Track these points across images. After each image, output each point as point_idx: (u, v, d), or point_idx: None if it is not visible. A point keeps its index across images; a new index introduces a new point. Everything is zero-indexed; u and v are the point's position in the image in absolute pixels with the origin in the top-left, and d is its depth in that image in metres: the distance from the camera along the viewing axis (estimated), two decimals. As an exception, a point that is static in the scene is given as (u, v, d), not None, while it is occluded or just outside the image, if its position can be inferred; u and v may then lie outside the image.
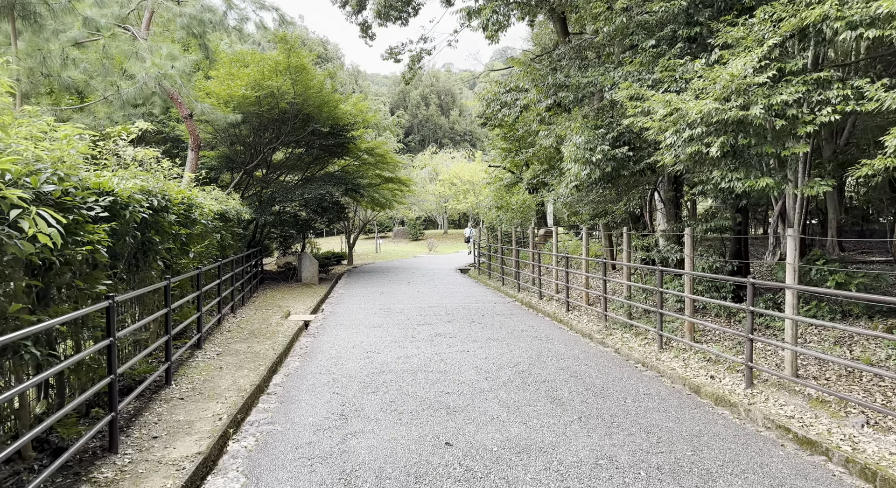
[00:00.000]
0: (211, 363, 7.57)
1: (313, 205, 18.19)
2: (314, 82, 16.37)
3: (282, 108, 16.29)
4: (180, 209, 7.75)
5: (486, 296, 14.51)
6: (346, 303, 13.24)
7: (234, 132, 16.57)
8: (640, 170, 7.84)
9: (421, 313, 11.48)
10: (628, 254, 9.62)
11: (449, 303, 13.02)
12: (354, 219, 28.32)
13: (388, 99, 59.35)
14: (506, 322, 10.42)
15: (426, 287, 16.36)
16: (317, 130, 17.55)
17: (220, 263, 10.09)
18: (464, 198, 41.26)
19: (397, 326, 9.98)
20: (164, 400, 5.97)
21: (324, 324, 10.58)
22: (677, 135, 5.84)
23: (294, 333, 9.62)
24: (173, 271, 7.77)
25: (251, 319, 10.99)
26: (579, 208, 11.45)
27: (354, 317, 11.21)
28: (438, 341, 8.67)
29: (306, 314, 12.00)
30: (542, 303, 12.72)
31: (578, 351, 8.06)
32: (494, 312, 11.60)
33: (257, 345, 8.68)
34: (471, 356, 7.63)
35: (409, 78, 16.11)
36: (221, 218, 11.61)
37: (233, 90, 14.76)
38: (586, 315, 10.96)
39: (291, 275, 19.21)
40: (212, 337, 9.14)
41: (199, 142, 12.04)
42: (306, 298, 14.44)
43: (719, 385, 6.38)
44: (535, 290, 14.18)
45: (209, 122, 15.57)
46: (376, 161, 21.88)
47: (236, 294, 12.84)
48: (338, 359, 7.68)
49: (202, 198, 9.51)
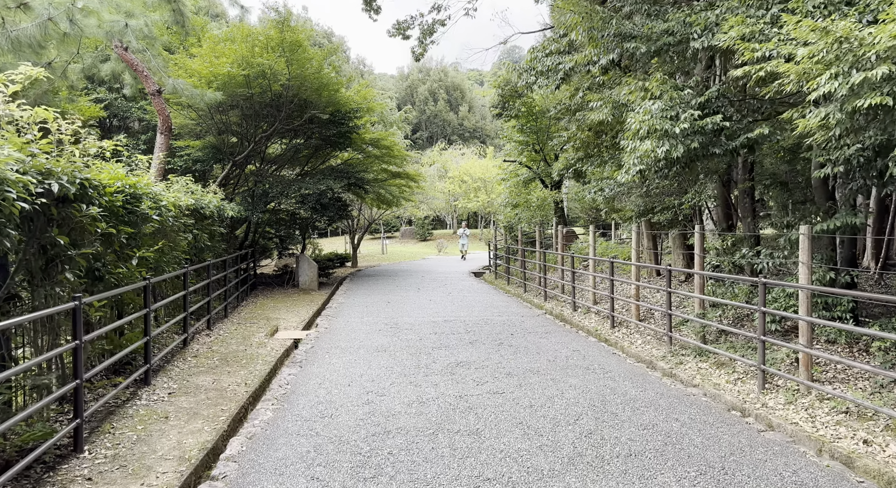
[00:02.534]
0: (156, 408, 5.56)
1: (312, 202, 16.21)
2: (312, 63, 14.36)
3: (275, 92, 14.31)
4: (116, 200, 5.75)
5: (508, 306, 12.45)
6: (345, 316, 11.22)
7: (222, 119, 14.61)
8: (733, 149, 5.78)
9: (435, 330, 9.44)
10: (701, 259, 7.54)
11: (467, 315, 10.96)
12: (359, 218, 26.34)
13: (395, 94, 57.36)
14: (542, 344, 8.36)
15: (438, 294, 14.32)
16: (315, 117, 15.55)
17: (188, 269, 8.09)
18: (474, 197, 39.17)
19: (407, 350, 7.94)
20: (60, 483, 3.96)
21: (316, 345, 8.56)
22: (838, 81, 3.80)
23: (277, 359, 7.61)
24: (106, 284, 5.78)
25: (228, 337, 8.99)
26: (625, 203, 9.41)
27: (354, 334, 9.18)
28: (461, 374, 6.62)
29: (297, 330, 9.99)
30: (576, 316, 10.67)
31: (653, 392, 5.98)
32: (525, 329, 9.54)
33: (227, 378, 6.68)
34: (509, 402, 5.58)
35: (419, 54, 14.09)
36: (195, 214, 9.63)
37: (217, 68, 12.78)
38: (638, 334, 8.89)
39: (288, 279, 17.24)
40: (170, 366, 7.14)
41: (169, 125, 10.08)
42: (301, 308, 12.45)
43: (885, 457, 4.30)
44: (565, 300, 12.12)
45: (191, 105, 13.63)
46: (382, 154, 19.86)
47: (215, 305, 10.86)
48: (327, 405, 5.64)
49: (160, 189, 7.51)
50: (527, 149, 22.52)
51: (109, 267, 5.85)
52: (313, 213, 17.50)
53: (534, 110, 20.73)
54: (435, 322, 10.24)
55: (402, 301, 13.15)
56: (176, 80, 10.02)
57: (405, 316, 11.00)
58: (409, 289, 15.42)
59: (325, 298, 14.25)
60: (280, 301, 13.66)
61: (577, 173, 11.48)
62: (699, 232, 7.52)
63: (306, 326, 10.41)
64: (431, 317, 10.87)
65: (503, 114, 23.18)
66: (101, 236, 5.59)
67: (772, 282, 5.94)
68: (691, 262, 11.76)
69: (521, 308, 12.20)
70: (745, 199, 8.38)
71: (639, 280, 9.48)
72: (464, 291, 15.08)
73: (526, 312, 11.50)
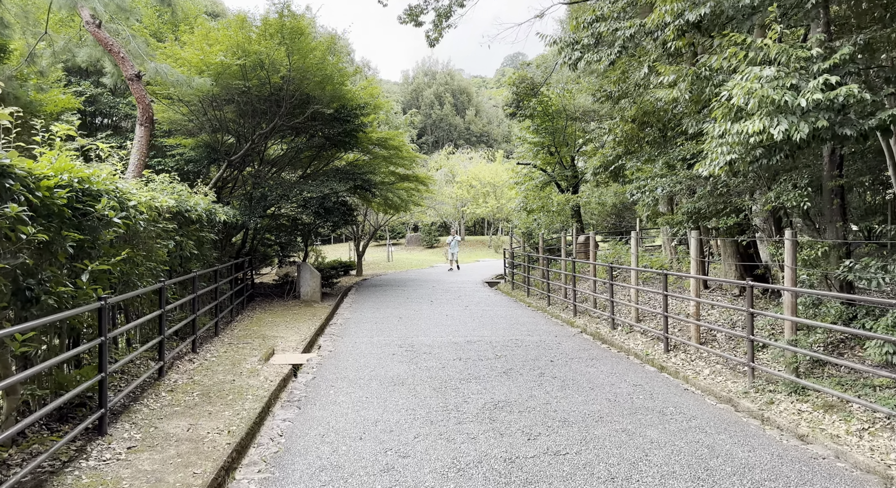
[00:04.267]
0: (105, 474, 4.17)
1: (314, 206, 14.84)
2: (315, 53, 13.03)
3: (274, 85, 12.99)
4: (56, 197, 4.38)
5: (536, 322, 11.02)
6: (352, 334, 9.80)
7: (216, 115, 13.28)
8: (867, 130, 4.39)
9: (459, 354, 8.02)
10: (794, 273, 6.12)
11: (492, 335, 9.54)
12: (364, 224, 24.97)
13: (401, 97, 56.18)
14: (591, 374, 6.93)
15: (455, 308, 12.90)
16: (319, 113, 14.21)
17: (165, 284, 6.71)
18: (483, 202, 37.77)
19: (429, 383, 6.51)
20: None
21: (318, 374, 7.15)
22: None
23: (271, 393, 6.21)
24: (44, 307, 4.39)
25: (216, 363, 7.59)
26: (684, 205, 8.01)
27: (364, 360, 7.77)
28: (504, 421, 5.20)
29: (296, 352, 8.59)
30: (617, 336, 9.25)
31: (764, 451, 4.55)
32: (564, 354, 8.11)
33: (206, 422, 5.28)
34: (579, 471, 4.15)
35: (434, 38, 12.74)
36: (178, 218, 8.26)
37: (209, 57, 11.45)
38: (702, 361, 7.46)
39: (289, 289, 15.86)
40: (137, 404, 5.74)
41: (150, 115, 8.72)
42: (301, 323, 11.06)
43: None
44: (598, 315, 10.69)
45: (181, 98, 12.30)
46: (390, 155, 18.51)
47: (202, 323, 9.48)
48: (332, 473, 4.20)
49: (129, 186, 6.13)
50: (542, 152, 21.21)
51: (49, 284, 4.47)
52: (316, 219, 16.14)
53: (550, 110, 19.49)
54: (457, 343, 8.82)
55: (415, 316, 11.73)
56: (159, 64, 8.68)
57: (421, 335, 9.58)
58: (421, 302, 14.01)
59: (329, 312, 12.86)
60: (279, 315, 12.28)
61: (614, 173, 10.09)
62: (790, 239, 6.10)
63: (307, 347, 9.01)
64: (451, 336, 9.45)
65: (517, 113, 21.87)
66: (35, 244, 4.22)
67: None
68: (746, 273, 10.34)
69: (550, 325, 10.76)
70: (834, 200, 6.97)
71: (699, 295, 8.05)
72: (481, 304, 13.65)
73: (558, 331, 10.07)
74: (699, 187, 7.71)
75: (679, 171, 8.22)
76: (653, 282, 12.75)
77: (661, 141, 9.38)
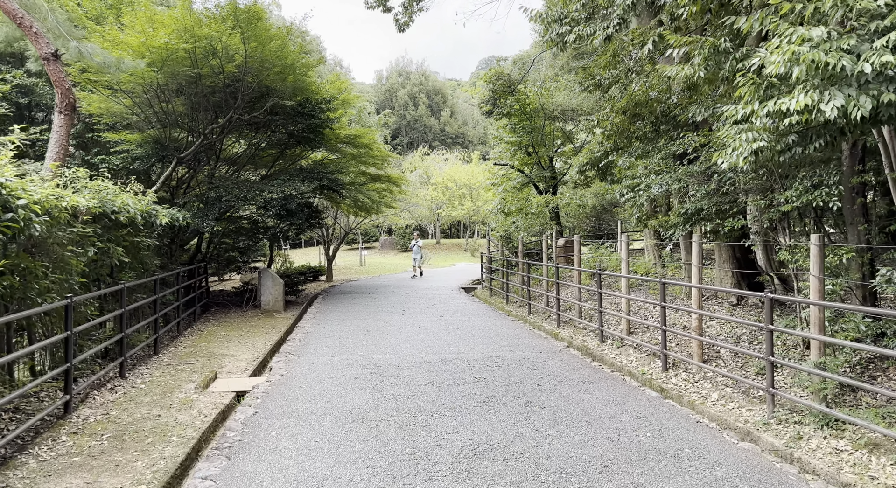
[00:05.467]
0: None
1: (276, 208, 13.63)
2: (275, 42, 11.88)
3: (229, 75, 11.80)
4: None
5: (517, 335, 10.03)
6: (311, 352, 8.68)
7: (165, 107, 12.00)
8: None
9: (431, 377, 6.97)
10: (821, 283, 5.23)
11: (470, 351, 8.52)
12: (334, 227, 23.75)
13: (375, 98, 54.91)
14: (586, 402, 5.95)
15: (428, 318, 11.85)
16: (279, 106, 13.08)
17: (73, 300, 5.53)
18: (459, 204, 36.80)
19: (395, 417, 5.44)
20: None
21: (263, 406, 6.01)
22: None
23: (201, 436, 5.07)
24: None
25: (143, 392, 6.41)
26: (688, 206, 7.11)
27: (320, 387, 6.65)
28: (486, 475, 4.16)
29: (244, 375, 7.45)
30: (608, 351, 8.32)
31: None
32: (552, 375, 7.12)
33: (109, 480, 4.17)
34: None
35: (403, 23, 11.68)
36: (101, 221, 7.06)
37: (151, 39, 10.21)
38: (708, 382, 6.55)
39: (248, 298, 14.62)
40: (24, 454, 4.55)
41: (71, 101, 7.48)
42: (257, 338, 9.90)
43: None
44: (585, 326, 9.77)
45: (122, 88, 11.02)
46: (360, 153, 17.40)
47: (136, 341, 8.27)
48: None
49: (15, 182, 4.93)
50: (519, 152, 20.39)
51: None
52: (279, 221, 14.92)
53: (527, 108, 18.71)
54: (429, 362, 7.77)
55: (384, 328, 10.63)
56: (84, 44, 7.46)
57: (389, 352, 8.51)
58: (392, 311, 12.92)
59: (291, 324, 11.70)
60: (234, 327, 11.08)
61: (602, 170, 9.18)
62: (817, 244, 5.21)
63: (258, 369, 7.86)
64: (424, 353, 8.39)
65: (494, 111, 21.06)
66: None
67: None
68: (742, 281, 9.51)
69: (533, 338, 9.78)
70: (857, 200, 6.13)
71: (701, 307, 7.15)
72: (458, 313, 12.63)
73: (543, 345, 9.09)
74: (702, 185, 6.83)
75: (676, 168, 7.35)
76: (638, 289, 11.89)
77: (653, 135, 8.49)
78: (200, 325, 11.50)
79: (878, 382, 5.50)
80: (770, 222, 7.53)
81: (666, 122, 8.08)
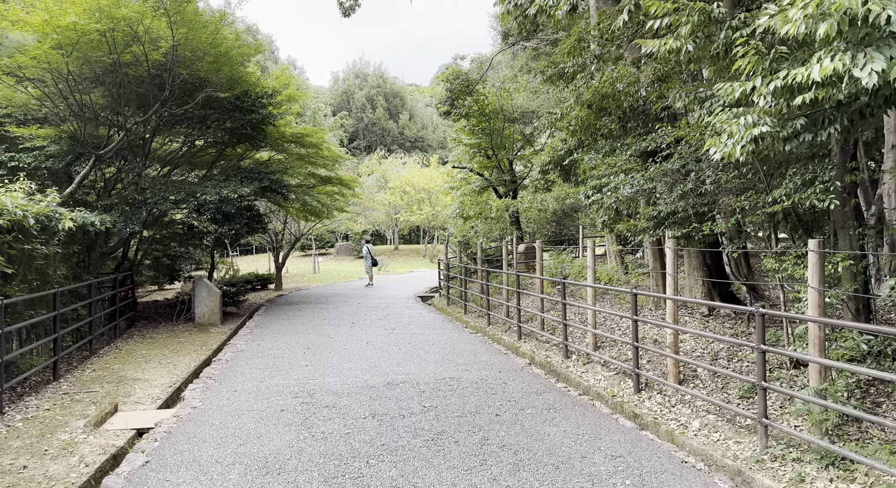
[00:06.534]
0: None
1: (211, 211, 12.41)
2: (207, 29, 10.72)
3: (155, 63, 10.57)
4: None
5: (475, 350, 9.14)
6: (236, 377, 7.56)
7: (80, 99, 10.66)
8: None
9: (374, 408, 5.98)
10: (821, 297, 4.53)
11: (421, 372, 7.57)
12: (284, 233, 22.44)
13: (331, 100, 53.49)
14: (552, 438, 5.08)
15: (379, 332, 10.85)
16: (214, 99, 11.89)
17: None
18: (418, 209, 35.87)
19: (320, 466, 4.43)
20: None
21: (158, 454, 4.90)
22: None
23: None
24: None
25: (17, 433, 5.21)
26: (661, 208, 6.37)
27: (237, 423, 5.57)
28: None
29: (151, 407, 6.30)
30: (573, 368, 7.52)
31: None
32: (512, 400, 6.24)
33: None
34: None
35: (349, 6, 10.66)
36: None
37: (57, 18, 8.93)
38: (686, 406, 5.80)
39: (181, 310, 13.30)
40: None
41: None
42: (182, 357, 8.73)
43: None
44: (548, 339, 8.96)
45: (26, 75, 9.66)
46: (308, 153, 16.29)
47: (28, 365, 7.02)
48: None
49: None
50: (478, 155, 19.68)
51: None
52: (216, 225, 13.67)
53: (486, 110, 18.09)
54: (373, 387, 6.78)
55: (327, 345, 9.57)
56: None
57: (329, 374, 7.48)
58: (339, 324, 11.85)
59: (224, 340, 10.52)
60: (159, 345, 9.83)
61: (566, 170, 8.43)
62: (816, 250, 4.49)
63: (171, 398, 6.71)
64: (368, 375, 7.39)
65: (452, 111, 20.34)
66: None
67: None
68: (714, 290, 8.89)
69: (492, 354, 8.91)
70: (850, 200, 5.49)
71: (676, 321, 6.41)
72: (411, 325, 11.66)
73: (502, 362, 8.22)
74: (677, 185, 6.11)
75: (647, 167, 6.64)
76: (603, 298, 11.20)
77: (619, 132, 7.77)
78: (121, 342, 10.21)
79: (883, 410, 4.82)
80: (743, 226, 6.88)
81: (635, 117, 7.36)
